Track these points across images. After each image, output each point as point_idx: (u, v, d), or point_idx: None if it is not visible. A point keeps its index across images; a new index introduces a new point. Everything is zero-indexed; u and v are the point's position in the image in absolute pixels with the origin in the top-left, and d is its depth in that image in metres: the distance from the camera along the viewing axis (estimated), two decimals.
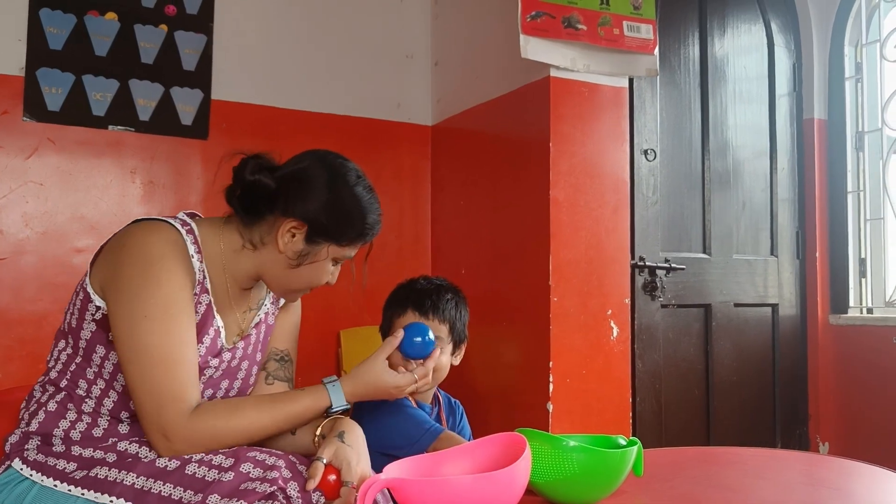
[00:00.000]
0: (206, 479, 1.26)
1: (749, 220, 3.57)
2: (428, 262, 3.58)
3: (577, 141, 2.89)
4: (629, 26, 2.88)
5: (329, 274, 1.52)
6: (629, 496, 1.48)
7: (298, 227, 1.44)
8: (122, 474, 1.29)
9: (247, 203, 1.45)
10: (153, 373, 1.32)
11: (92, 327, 1.41)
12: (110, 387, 1.40)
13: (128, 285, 1.35)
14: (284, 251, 1.45)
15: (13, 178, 2.86)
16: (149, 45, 3.06)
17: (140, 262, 1.36)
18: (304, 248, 1.46)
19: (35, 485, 1.32)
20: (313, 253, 1.47)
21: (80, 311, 1.43)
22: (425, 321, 1.81)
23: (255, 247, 1.47)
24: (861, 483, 1.76)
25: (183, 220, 1.46)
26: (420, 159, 3.61)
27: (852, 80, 3.73)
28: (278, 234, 1.44)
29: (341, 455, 1.33)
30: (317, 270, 1.49)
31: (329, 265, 1.50)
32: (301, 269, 1.47)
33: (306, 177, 1.46)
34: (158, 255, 1.37)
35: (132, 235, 1.41)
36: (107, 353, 1.40)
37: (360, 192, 1.48)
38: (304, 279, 1.50)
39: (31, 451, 1.37)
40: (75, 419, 1.40)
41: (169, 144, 3.09)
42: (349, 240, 1.48)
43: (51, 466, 1.33)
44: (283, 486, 1.23)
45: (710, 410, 3.38)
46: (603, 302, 2.90)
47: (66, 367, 1.44)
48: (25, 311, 2.85)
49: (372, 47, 3.53)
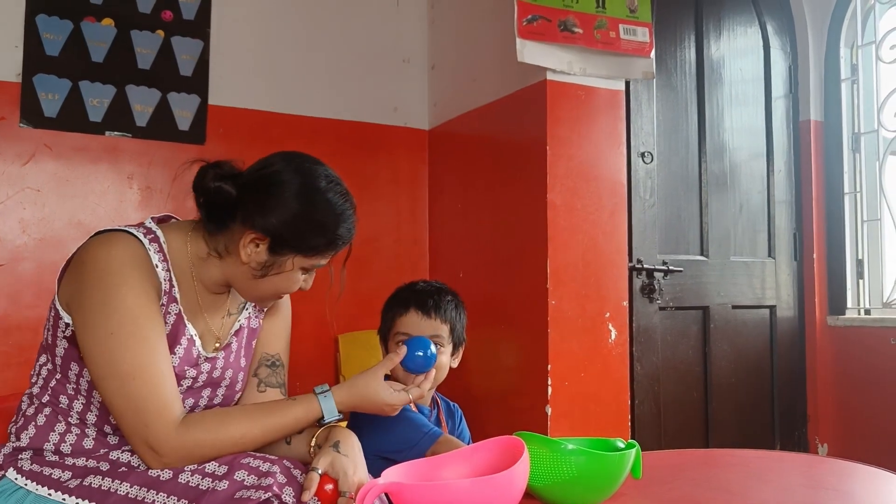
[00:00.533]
0: (199, 488, 1.25)
1: (746, 222, 3.57)
2: (426, 266, 3.58)
3: (574, 144, 2.89)
4: (625, 29, 2.89)
5: (299, 282, 1.46)
6: (628, 499, 1.48)
7: (261, 239, 1.38)
8: (115, 483, 1.28)
9: (211, 213, 1.41)
10: (132, 389, 1.28)
11: (64, 344, 1.38)
12: (89, 402, 1.38)
13: (90, 302, 1.32)
14: (247, 262, 1.40)
15: (10, 185, 2.86)
16: (145, 50, 3.06)
17: (100, 277, 1.32)
18: (267, 258, 1.40)
19: (29, 494, 1.31)
20: (278, 264, 1.41)
21: (53, 327, 1.40)
22: (428, 320, 1.82)
23: (221, 255, 1.43)
24: (860, 484, 1.76)
25: (147, 229, 1.42)
26: (417, 163, 3.61)
27: (848, 81, 3.74)
28: (240, 246, 1.39)
29: (337, 465, 1.32)
30: (284, 280, 1.43)
31: (297, 275, 1.44)
32: (267, 280, 1.42)
33: (272, 183, 1.39)
34: (118, 268, 1.32)
35: (90, 250, 1.36)
36: (80, 369, 1.37)
37: (331, 199, 1.40)
38: (271, 288, 1.45)
39: (24, 461, 1.36)
40: (64, 431, 1.38)
41: (166, 150, 3.09)
42: (316, 250, 1.42)
43: (46, 476, 1.32)
44: (278, 493, 1.23)
45: (709, 412, 3.38)
46: (601, 305, 2.90)
47: (46, 382, 1.42)
48: (23, 318, 2.84)
49: (369, 52, 3.53)
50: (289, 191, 1.38)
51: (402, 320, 1.83)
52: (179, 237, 1.44)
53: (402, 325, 1.83)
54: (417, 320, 1.82)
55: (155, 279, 1.37)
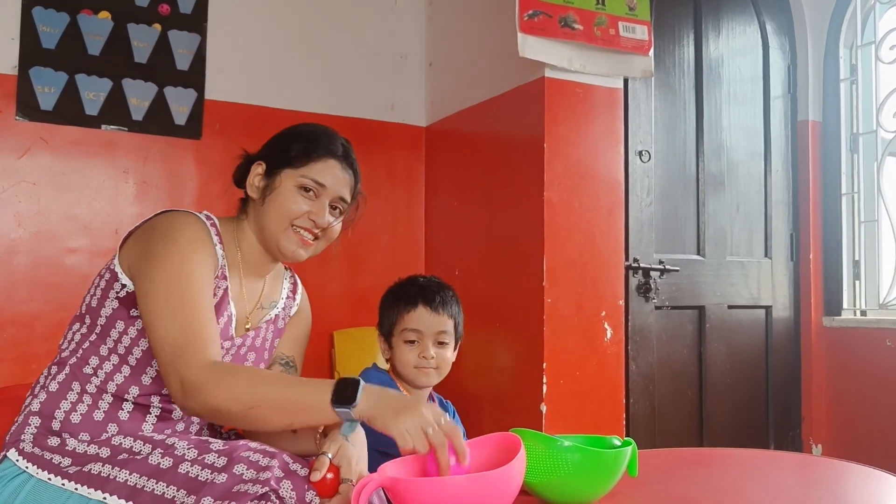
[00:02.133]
0: (199, 480, 1.26)
1: (743, 222, 3.57)
2: (421, 263, 3.57)
3: (572, 142, 2.89)
4: (624, 27, 2.88)
5: (299, 201, 1.53)
6: (623, 497, 1.48)
7: (259, 169, 1.56)
8: (115, 471, 1.29)
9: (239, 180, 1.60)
10: (178, 326, 1.35)
11: (114, 304, 1.44)
12: (124, 361, 1.43)
13: (160, 257, 1.41)
14: (253, 195, 1.56)
15: (6, 178, 2.85)
16: (142, 44, 3.05)
17: (171, 238, 1.43)
18: (264, 182, 1.55)
19: (30, 479, 1.32)
20: (271, 183, 1.54)
21: (103, 291, 1.47)
22: (436, 316, 1.86)
23: (247, 213, 1.59)
24: (854, 484, 1.76)
25: (206, 215, 1.56)
26: (414, 160, 3.61)
27: (847, 81, 3.73)
28: (247, 185, 1.57)
29: (343, 453, 1.33)
30: (281, 198, 1.53)
31: (294, 192, 1.53)
32: (268, 203, 1.54)
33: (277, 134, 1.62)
34: (189, 236, 1.45)
35: (163, 220, 1.48)
36: (126, 327, 1.43)
37: (313, 126, 1.62)
38: (275, 212, 1.53)
39: (26, 442, 1.37)
40: (76, 400, 1.41)
41: (162, 144, 3.08)
42: (299, 160, 1.54)
43: (46, 460, 1.34)
44: (275, 487, 1.23)
45: (704, 412, 3.38)
46: (597, 303, 2.90)
47: (79, 345, 1.47)
48: (17, 312, 2.83)
49: (366, 48, 3.52)
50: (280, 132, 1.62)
51: (411, 316, 1.86)
52: (229, 224, 1.59)
53: (410, 322, 1.86)
54: (427, 316, 1.86)
55: (214, 255, 1.50)
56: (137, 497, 1.26)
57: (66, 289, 2.88)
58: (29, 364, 2.78)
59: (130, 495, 1.26)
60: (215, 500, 1.21)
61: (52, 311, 2.85)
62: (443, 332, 1.87)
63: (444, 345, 1.89)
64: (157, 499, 1.25)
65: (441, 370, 1.88)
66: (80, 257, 2.93)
